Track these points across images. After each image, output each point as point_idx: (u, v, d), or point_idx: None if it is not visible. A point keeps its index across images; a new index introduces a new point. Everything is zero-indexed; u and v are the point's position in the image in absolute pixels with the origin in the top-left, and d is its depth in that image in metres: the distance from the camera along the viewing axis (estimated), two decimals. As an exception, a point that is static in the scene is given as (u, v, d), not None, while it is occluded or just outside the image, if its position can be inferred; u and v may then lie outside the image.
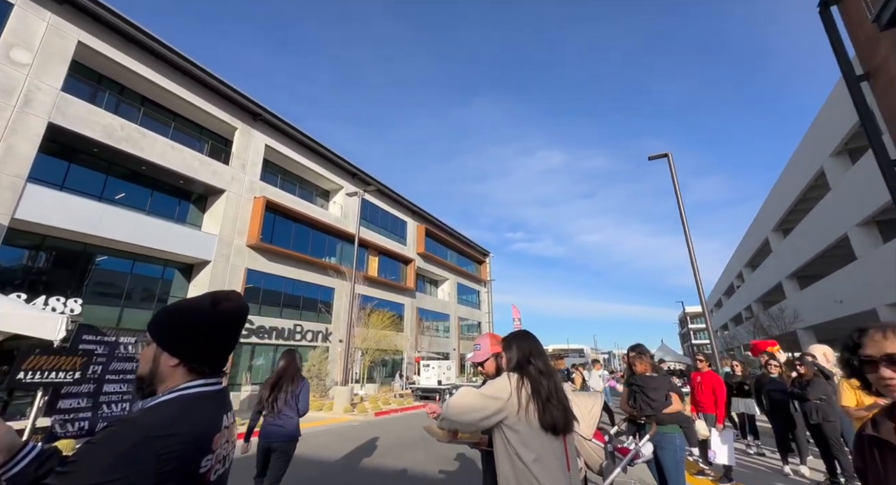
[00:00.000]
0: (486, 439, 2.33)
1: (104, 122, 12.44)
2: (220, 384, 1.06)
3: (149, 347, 1.02)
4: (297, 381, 3.75)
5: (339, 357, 19.02)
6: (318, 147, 20.69)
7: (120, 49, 13.20)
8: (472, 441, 2.43)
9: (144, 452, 0.80)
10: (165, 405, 0.94)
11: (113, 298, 13.43)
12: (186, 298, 1.11)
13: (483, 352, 2.25)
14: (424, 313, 28.17)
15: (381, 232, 25.45)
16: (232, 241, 15.98)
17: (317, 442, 8.09)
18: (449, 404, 1.61)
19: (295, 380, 3.74)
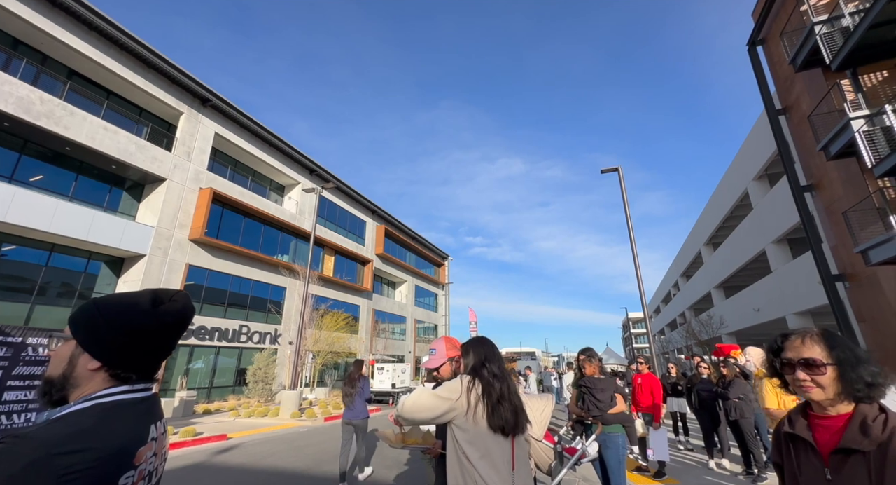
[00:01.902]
0: (439, 445, 2.33)
1: (19, 93, 10.97)
2: (148, 391, 0.94)
3: (65, 345, 0.89)
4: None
5: (289, 360, 18.14)
6: (274, 139, 19.69)
7: (42, 13, 11.73)
8: (424, 447, 2.42)
9: (42, 473, 0.68)
10: (76, 416, 0.81)
11: (22, 293, 11.84)
12: (120, 292, 0.98)
13: (438, 357, 2.24)
14: (381, 315, 27.70)
15: (339, 231, 24.72)
16: (172, 234, 14.72)
17: (261, 450, 7.63)
18: (404, 403, 1.65)
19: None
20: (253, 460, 6.85)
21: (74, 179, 13.25)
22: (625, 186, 12.06)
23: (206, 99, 16.50)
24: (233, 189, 17.56)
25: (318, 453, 7.34)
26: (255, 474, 5.95)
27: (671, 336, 37.85)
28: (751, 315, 18.60)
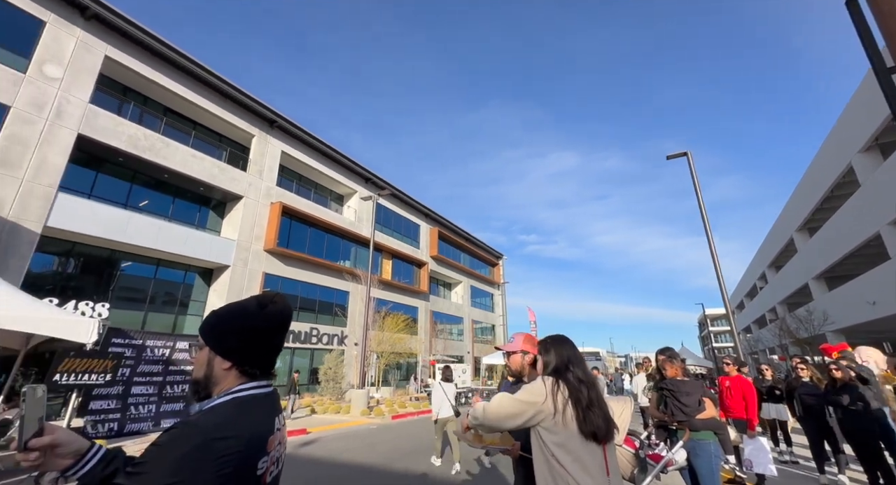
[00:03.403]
0: (518, 446, 2.32)
1: (129, 132, 12.89)
2: (270, 387, 1.06)
3: (202, 352, 1.03)
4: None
5: (355, 360, 19.13)
6: (333, 152, 20.97)
7: (144, 61, 13.67)
8: (503, 447, 2.41)
9: (206, 454, 0.82)
10: (222, 408, 0.94)
11: (138, 302, 13.83)
12: (231, 302, 1.11)
13: (515, 344, 2.30)
14: (438, 316, 28.15)
15: (395, 235, 25.59)
16: (250, 246, 16.29)
17: (337, 445, 8.13)
18: (486, 410, 1.63)
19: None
20: (332, 454, 7.32)
21: (172, 201, 15.23)
22: (695, 172, 11.03)
23: (272, 121, 18.07)
24: (299, 202, 19.00)
25: (390, 450, 7.64)
26: (336, 468, 6.35)
27: (760, 334, 33.78)
28: (864, 309, 15.95)
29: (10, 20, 10.85)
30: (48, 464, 0.85)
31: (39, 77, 11.06)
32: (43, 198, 10.68)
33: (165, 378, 9.19)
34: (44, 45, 11.30)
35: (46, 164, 10.85)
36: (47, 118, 11.02)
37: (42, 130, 10.88)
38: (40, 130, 10.85)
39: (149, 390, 8.78)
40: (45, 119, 10.97)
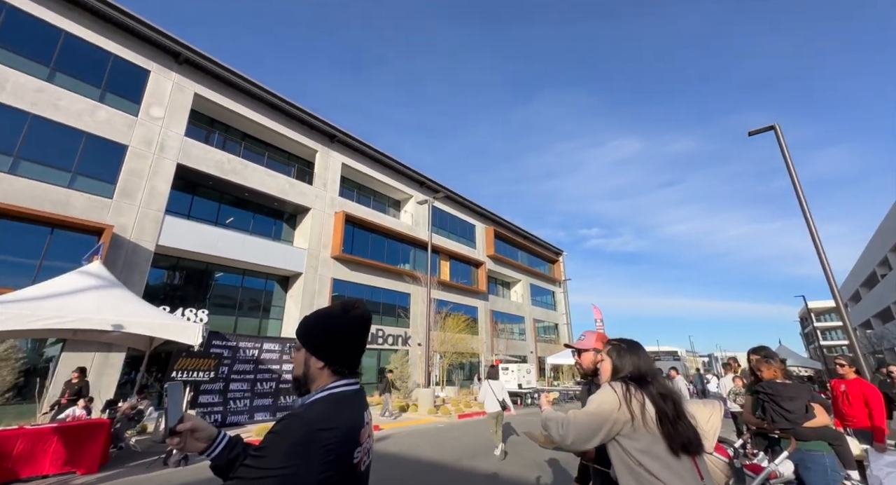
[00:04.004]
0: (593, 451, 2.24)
1: (216, 158, 14.63)
2: (357, 384, 1.17)
3: (299, 353, 1.17)
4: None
5: (420, 360, 19.68)
6: (389, 160, 21.87)
7: (225, 94, 15.47)
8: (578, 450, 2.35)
9: (312, 442, 0.93)
10: (321, 402, 1.06)
11: (229, 308, 15.59)
12: (320, 307, 1.23)
13: (587, 342, 2.24)
14: (498, 316, 27.93)
15: (451, 237, 25.92)
16: (318, 253, 17.56)
17: (407, 442, 8.45)
18: (563, 434, 1.58)
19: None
20: (403, 450, 7.63)
21: (252, 217, 16.97)
22: (786, 146, 9.69)
23: (333, 135, 19.34)
24: (360, 210, 20.09)
25: (458, 448, 7.76)
26: (407, 463, 6.61)
27: (884, 330, 28.64)
28: None
29: (124, 73, 12.93)
30: (188, 446, 1.04)
31: (147, 118, 13.02)
32: (154, 221, 12.53)
33: (256, 376, 10.27)
34: (149, 91, 13.30)
35: (155, 192, 12.73)
36: (154, 153, 12.93)
37: (151, 163, 12.78)
38: (150, 163, 12.76)
39: (243, 387, 9.87)
40: (152, 153, 12.88)
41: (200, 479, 5.68)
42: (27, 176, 10.51)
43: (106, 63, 12.59)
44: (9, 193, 10.03)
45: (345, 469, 0.99)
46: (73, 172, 11.33)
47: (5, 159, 10.33)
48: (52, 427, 5.70)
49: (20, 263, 10.23)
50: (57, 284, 6.17)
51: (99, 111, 12.05)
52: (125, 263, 11.50)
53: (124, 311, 6.25)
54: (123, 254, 11.58)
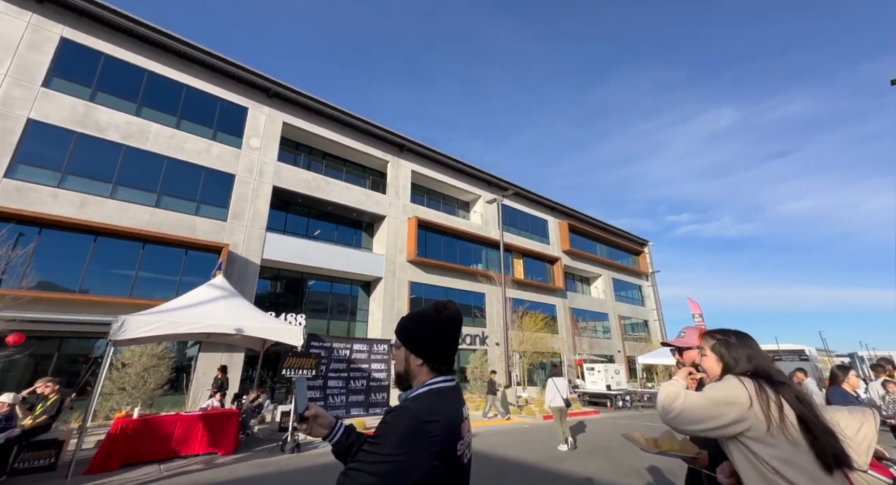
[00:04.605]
0: (705, 456, 2.01)
1: (303, 178, 16.33)
2: (453, 381, 1.22)
3: (399, 350, 1.25)
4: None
5: (499, 360, 19.62)
6: (455, 163, 22.23)
7: (308, 120, 17.22)
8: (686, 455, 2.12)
9: (420, 432, 1.00)
10: (424, 396, 1.12)
11: (321, 312, 17.21)
12: (415, 309, 1.32)
13: (688, 339, 2.00)
14: (579, 313, 26.60)
15: (523, 234, 25.41)
16: (395, 258, 18.51)
17: (493, 441, 8.49)
18: (668, 408, 1.42)
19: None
20: (489, 449, 7.68)
21: (335, 228, 18.56)
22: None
23: (402, 145, 20.28)
24: (430, 214, 20.74)
25: (546, 449, 7.57)
26: (495, 462, 6.65)
27: None
28: None
29: (229, 112, 15.13)
30: (314, 431, 1.20)
31: (248, 149, 15.05)
32: (258, 238, 14.41)
33: (349, 374, 11.18)
34: (248, 125, 15.38)
35: (258, 212, 14.63)
36: (255, 178, 14.88)
37: (253, 188, 14.73)
38: (252, 188, 14.71)
39: (339, 384, 10.82)
40: (254, 179, 14.84)
41: (312, 464, 6.38)
42: (167, 208, 12.85)
43: (215, 107, 14.86)
44: (154, 223, 12.37)
45: (450, 460, 1.04)
46: (197, 201, 13.56)
47: (152, 196, 12.76)
48: (199, 415, 6.88)
49: (166, 280, 12.52)
50: (193, 295, 7.44)
51: (213, 148, 14.25)
52: (239, 275, 13.38)
53: (243, 317, 7.30)
54: (237, 268, 13.51)
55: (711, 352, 1.52)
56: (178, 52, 14.10)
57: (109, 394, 9.94)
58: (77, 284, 11.12)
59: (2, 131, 10.68)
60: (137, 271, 12.03)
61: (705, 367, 1.55)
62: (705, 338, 1.58)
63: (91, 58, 12.68)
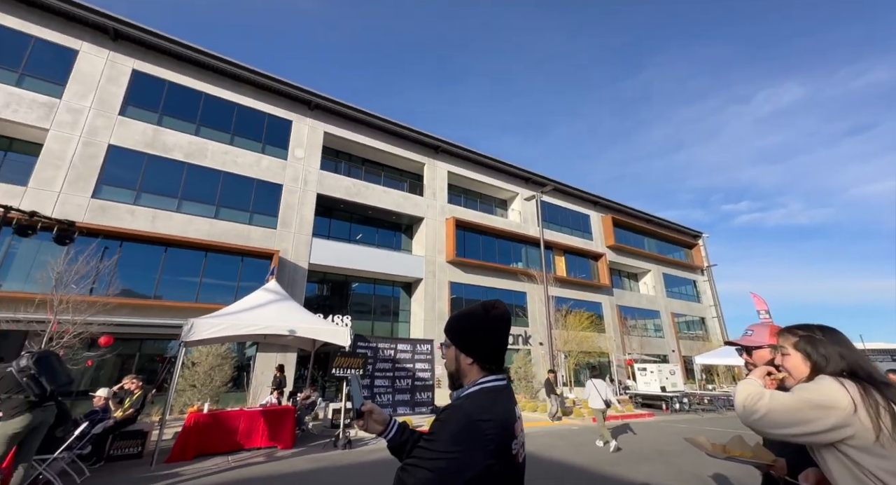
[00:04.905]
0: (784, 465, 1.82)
1: (345, 184, 16.98)
2: (504, 380, 1.21)
3: (449, 349, 1.26)
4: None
5: (543, 359, 19.19)
6: (490, 161, 22.07)
7: (348, 128, 17.93)
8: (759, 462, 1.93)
9: (475, 431, 1.01)
10: (476, 395, 1.11)
11: (365, 313, 17.77)
12: (462, 308, 1.32)
13: (758, 337, 1.79)
14: (627, 311, 25.37)
15: (564, 230, 24.69)
16: (435, 259, 18.71)
17: (542, 442, 8.33)
18: (754, 411, 1.27)
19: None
20: (536, 450, 7.55)
21: (376, 232, 19.10)
22: None
23: (437, 147, 20.48)
24: (467, 213, 20.74)
25: (598, 453, 7.31)
26: (547, 464, 6.52)
27: None
28: None
29: (276, 126, 16.11)
30: (370, 427, 1.24)
31: (293, 159, 15.93)
32: (305, 244, 15.18)
33: (394, 374, 11.47)
34: (293, 137, 16.28)
35: (304, 219, 15.42)
36: (300, 187, 15.70)
37: (299, 197, 15.56)
38: (298, 196, 15.54)
39: (385, 383, 11.14)
40: (299, 188, 15.67)
41: (363, 460, 6.62)
42: (224, 219, 13.91)
43: (263, 122, 15.87)
44: (214, 233, 13.43)
45: (505, 459, 1.04)
46: (250, 211, 14.55)
47: (211, 208, 13.87)
48: (260, 411, 7.39)
49: (225, 285, 13.53)
50: (250, 299, 7.99)
51: (262, 161, 15.23)
52: (289, 279, 14.17)
53: (295, 319, 7.73)
54: (287, 272, 14.31)
55: (795, 350, 1.37)
56: (229, 73, 15.23)
57: (182, 390, 10.93)
58: (152, 291, 12.35)
59: (89, 157, 12.12)
60: (202, 278, 13.12)
61: (788, 367, 1.39)
62: (784, 335, 1.43)
63: (157, 86, 14.04)
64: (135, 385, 6.76)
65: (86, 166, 12.01)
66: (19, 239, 4.65)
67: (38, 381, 3.74)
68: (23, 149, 12.09)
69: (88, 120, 12.40)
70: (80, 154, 12.01)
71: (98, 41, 13.22)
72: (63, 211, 10.82)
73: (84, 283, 9.72)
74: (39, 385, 3.74)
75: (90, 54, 13.00)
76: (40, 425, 3.84)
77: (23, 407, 3.67)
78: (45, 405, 3.84)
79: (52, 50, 12.55)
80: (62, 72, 12.53)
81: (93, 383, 10.78)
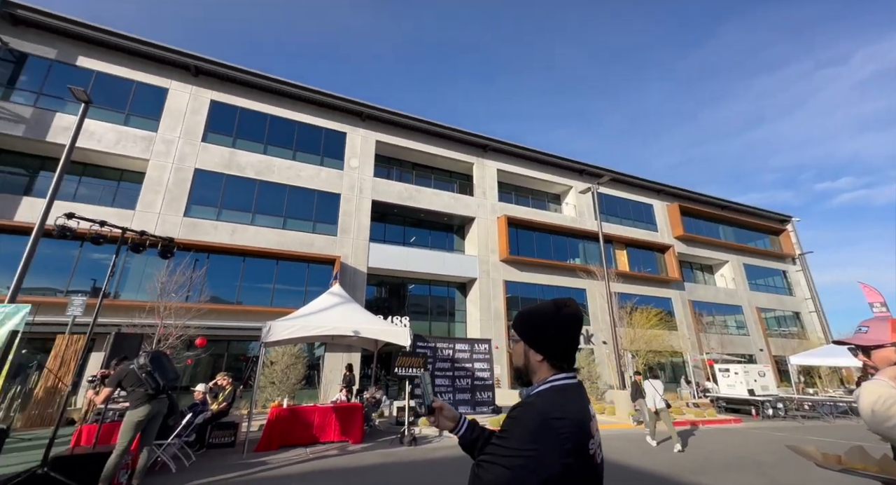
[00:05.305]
0: None
1: (397, 189, 17.57)
2: (576, 379, 1.17)
3: (518, 345, 1.24)
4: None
5: (607, 359, 18.21)
6: (541, 156, 21.49)
7: (398, 135, 18.56)
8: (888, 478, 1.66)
9: (548, 430, 0.98)
10: (548, 393, 1.08)
11: (422, 314, 18.18)
12: (531, 305, 1.29)
13: (876, 333, 1.56)
14: (702, 306, 23.18)
15: (625, 222, 23.27)
16: (488, 258, 18.61)
17: (613, 446, 7.92)
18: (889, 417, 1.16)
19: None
20: (612, 454, 7.17)
21: (428, 234, 19.48)
22: None
23: (485, 146, 20.39)
24: (519, 210, 20.35)
25: (678, 459, 6.77)
26: (619, 469, 6.18)
27: None
28: None
29: (332, 139, 17.17)
30: (440, 423, 1.26)
31: (349, 169, 16.83)
32: (363, 249, 15.94)
33: (454, 373, 11.60)
34: (347, 148, 17.22)
35: (361, 225, 16.21)
36: (356, 195, 16.54)
37: (355, 204, 16.39)
38: (354, 204, 16.38)
39: (445, 383, 11.31)
40: (355, 196, 16.50)
41: (430, 457, 6.79)
42: (291, 229, 15.08)
43: (320, 135, 16.99)
44: (283, 242, 14.60)
45: (583, 459, 1.01)
46: (313, 220, 15.63)
47: (279, 219, 15.12)
48: (331, 407, 7.89)
49: (294, 290, 14.65)
50: (318, 303, 8.57)
51: (321, 173, 16.29)
52: (350, 283, 14.96)
53: (359, 320, 8.15)
54: (348, 276, 15.13)
55: None
56: (288, 94, 16.52)
57: (263, 387, 12.03)
58: (234, 297, 13.75)
59: (180, 181, 13.84)
60: (274, 284, 14.34)
61: None
62: None
63: (231, 112, 15.64)
64: (226, 381, 7.58)
65: (178, 189, 13.73)
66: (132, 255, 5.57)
67: (153, 376, 4.36)
68: (130, 178, 14.13)
69: (178, 148, 14.17)
70: (173, 179, 13.76)
71: (183, 78, 15.06)
72: (163, 229, 12.46)
73: (181, 291, 11.13)
74: (154, 380, 4.36)
75: (177, 91, 14.85)
76: (157, 414, 4.47)
77: (143, 399, 4.30)
78: (159, 397, 4.46)
79: (149, 91, 14.55)
80: (157, 108, 14.46)
81: (191, 379, 12.26)
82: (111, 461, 4.12)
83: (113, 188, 13.87)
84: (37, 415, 8.47)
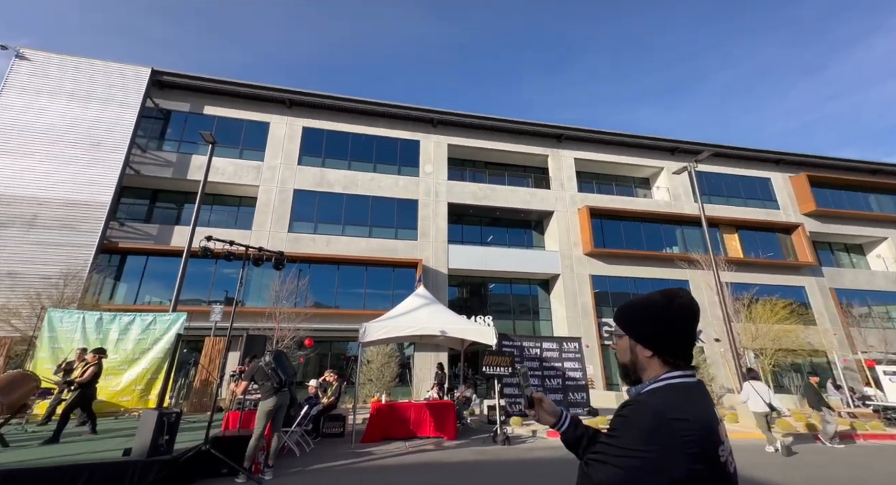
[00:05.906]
0: None
1: (471, 190, 17.74)
2: (695, 377, 1.05)
3: (622, 339, 1.13)
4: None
5: (722, 358, 15.93)
6: (623, 138, 19.82)
7: (469, 136, 18.82)
8: None
9: (667, 430, 0.88)
10: (663, 391, 0.98)
11: (505, 313, 17.98)
12: (637, 296, 1.18)
13: None
14: (851, 295, 18.95)
15: (732, 202, 20.23)
16: (571, 253, 17.69)
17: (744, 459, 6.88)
18: None
19: None
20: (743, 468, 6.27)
21: (506, 232, 19.25)
22: None
23: (559, 136, 19.49)
24: (602, 200, 18.98)
25: (828, 479, 5.62)
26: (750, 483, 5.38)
27: None
28: None
29: (406, 148, 18.08)
30: (541, 418, 1.22)
31: (424, 175, 17.51)
32: (442, 251, 16.39)
33: (543, 373, 11.25)
34: (422, 155, 17.96)
35: (439, 228, 16.70)
36: (433, 199, 17.11)
37: (432, 208, 16.96)
38: (432, 209, 16.96)
39: (534, 383, 11.00)
40: (432, 200, 17.08)
41: (524, 457, 6.69)
42: (376, 236, 16.21)
43: (396, 146, 17.99)
44: (370, 249, 15.75)
45: (714, 466, 0.89)
46: (395, 227, 16.58)
47: (365, 229, 16.37)
48: (425, 404, 8.26)
49: (382, 294, 15.68)
50: (405, 305, 9.04)
51: (400, 182, 17.21)
52: (433, 285, 15.49)
53: (445, 320, 8.40)
54: (430, 278, 15.69)
55: None
56: (364, 111, 17.82)
57: (362, 384, 13.09)
58: (332, 302, 15.23)
59: (283, 201, 15.85)
60: (365, 288, 15.54)
61: None
62: None
63: (319, 135, 17.45)
64: (333, 377, 8.43)
65: (282, 208, 15.73)
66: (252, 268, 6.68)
67: (276, 372, 5.06)
68: (246, 202, 16.60)
69: (280, 173, 16.24)
70: (278, 200, 15.80)
71: (280, 111, 17.25)
72: (273, 244, 14.37)
73: (291, 298, 12.73)
74: (277, 375, 5.06)
75: (276, 123, 17.06)
76: (282, 405, 5.18)
77: (272, 391, 5.01)
78: (282, 391, 5.15)
79: (255, 127, 17.01)
80: (262, 140, 16.79)
81: (303, 376, 13.90)
82: (252, 444, 4.90)
83: (234, 213, 16.45)
84: (197, 402, 10.42)
